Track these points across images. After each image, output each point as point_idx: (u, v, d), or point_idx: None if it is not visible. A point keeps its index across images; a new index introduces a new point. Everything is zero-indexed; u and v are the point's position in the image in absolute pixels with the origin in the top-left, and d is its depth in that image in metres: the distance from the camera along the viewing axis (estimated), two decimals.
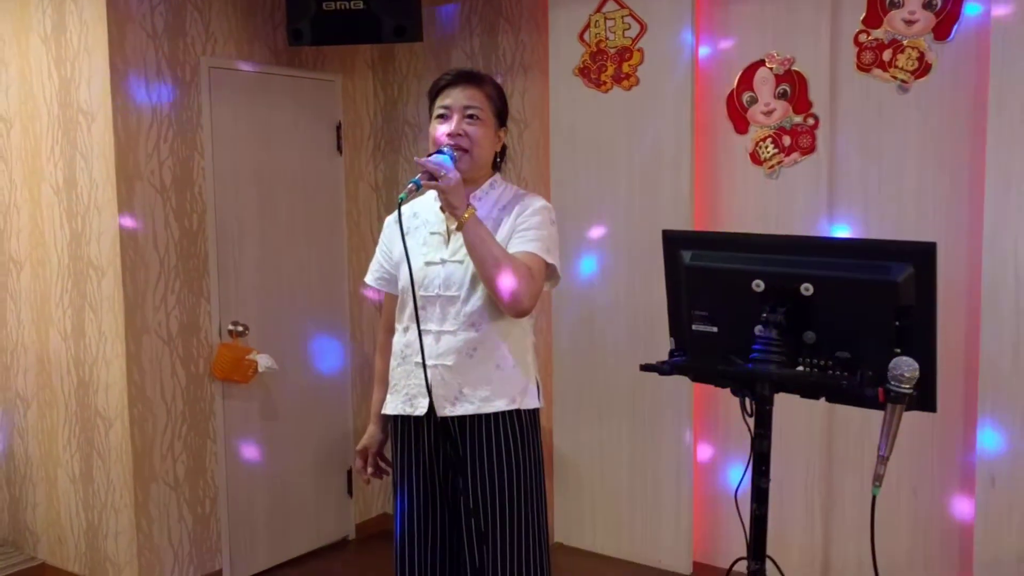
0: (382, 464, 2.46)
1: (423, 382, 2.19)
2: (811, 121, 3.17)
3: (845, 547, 3.26)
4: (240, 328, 3.67)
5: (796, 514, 3.31)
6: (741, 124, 3.29)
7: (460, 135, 2.18)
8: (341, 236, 4.20)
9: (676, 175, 3.35)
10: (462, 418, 2.21)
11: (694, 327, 2.04)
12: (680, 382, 3.41)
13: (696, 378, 2.06)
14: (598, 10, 3.46)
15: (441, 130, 2.20)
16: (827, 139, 3.15)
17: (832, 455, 3.25)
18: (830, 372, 1.87)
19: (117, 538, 3.43)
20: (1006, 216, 2.78)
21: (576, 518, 3.75)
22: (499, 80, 3.85)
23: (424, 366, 2.14)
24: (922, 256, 1.77)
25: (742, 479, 1.98)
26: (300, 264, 4.00)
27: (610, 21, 3.44)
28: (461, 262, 2.19)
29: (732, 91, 3.30)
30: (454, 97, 2.21)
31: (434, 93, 2.27)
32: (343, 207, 4.21)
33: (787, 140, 3.21)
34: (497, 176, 2.31)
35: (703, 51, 3.32)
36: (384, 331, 2.46)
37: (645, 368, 2.08)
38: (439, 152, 2.13)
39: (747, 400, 1.93)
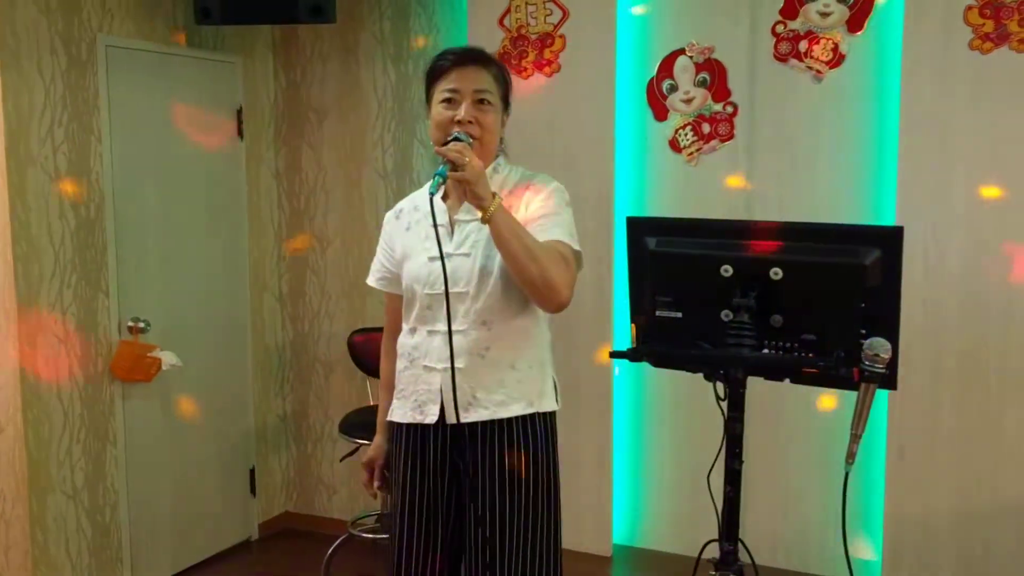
0: (389, 476, 2.29)
1: (432, 387, 2.07)
2: (730, 109, 3.24)
3: (758, 523, 3.37)
4: (141, 324, 3.44)
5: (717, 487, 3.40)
6: (661, 112, 3.33)
7: (471, 122, 2.02)
8: (242, 225, 4.01)
9: (598, 162, 3.36)
10: (474, 424, 2.06)
11: (658, 313, 2.04)
12: (605, 366, 3.43)
13: (665, 364, 2.07)
14: None
15: (447, 115, 2.03)
16: (745, 127, 3.23)
17: (752, 431, 3.34)
18: (797, 354, 1.92)
19: (8, 552, 3.16)
20: (918, 204, 2.93)
21: None
22: (411, 65, 3.79)
23: (452, 369, 1.97)
24: (889, 240, 1.83)
25: (714, 462, 2.00)
26: (202, 255, 3.79)
27: (531, 7, 3.41)
28: (468, 255, 2.06)
29: (652, 79, 3.33)
30: (463, 80, 2.03)
31: (436, 74, 2.09)
32: (245, 195, 4.01)
33: (706, 128, 3.28)
34: (501, 159, 2.17)
35: (624, 38, 3.34)
36: (388, 335, 2.30)
37: (615, 355, 2.07)
38: (455, 139, 1.97)
39: (718, 384, 1.97)
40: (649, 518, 3.55)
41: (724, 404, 1.93)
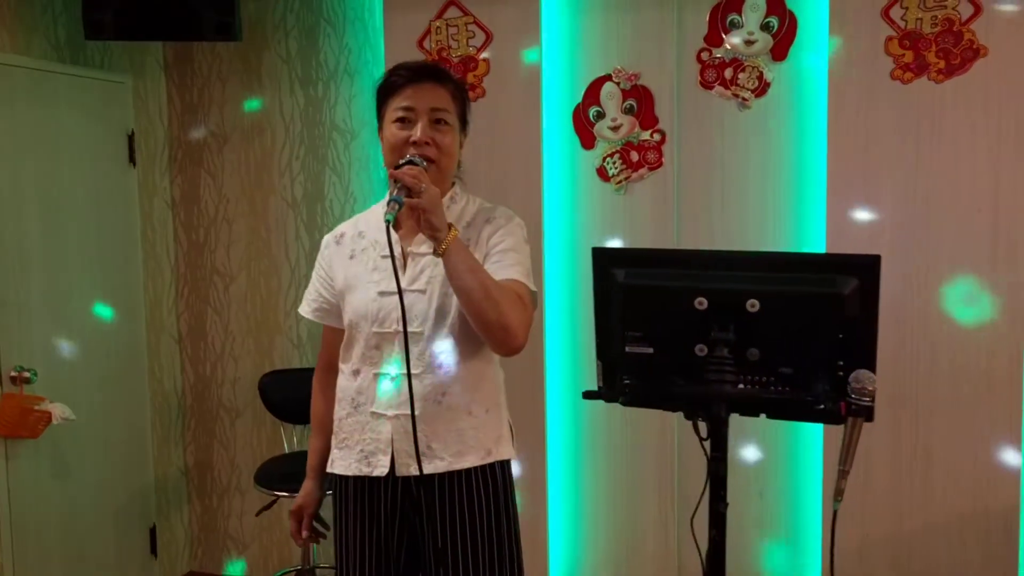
0: (318, 527, 2.13)
1: (381, 436, 1.90)
2: (658, 137, 3.21)
3: (695, 554, 3.32)
4: (27, 373, 3.10)
5: (650, 523, 3.33)
6: (588, 139, 3.27)
7: (427, 143, 1.88)
8: (136, 260, 3.70)
9: (525, 190, 3.26)
10: (429, 476, 1.92)
11: (627, 348, 1.95)
12: (539, 405, 3.32)
13: (642, 403, 1.97)
14: (439, 16, 3.29)
15: (402, 136, 1.89)
16: (673, 155, 3.20)
17: (682, 464, 3.30)
18: (780, 389, 1.86)
19: None
20: (846, 231, 2.96)
21: None
22: (321, 87, 3.60)
23: (413, 417, 1.81)
24: (867, 269, 1.79)
25: (698, 504, 1.92)
26: (93, 294, 3.47)
27: (452, 28, 3.28)
28: (423, 291, 1.91)
29: (578, 105, 3.26)
30: (418, 98, 1.90)
31: (388, 90, 1.95)
32: (138, 227, 3.71)
33: (635, 155, 3.23)
34: (458, 187, 2.04)
35: (550, 63, 3.26)
36: (323, 370, 2.13)
37: (589, 396, 1.96)
38: (409, 162, 1.83)
39: (699, 423, 1.88)
40: (587, 557, 3.44)
41: (707, 444, 1.86)
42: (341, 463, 2.00)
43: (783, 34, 3.07)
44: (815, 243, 3.06)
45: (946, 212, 2.87)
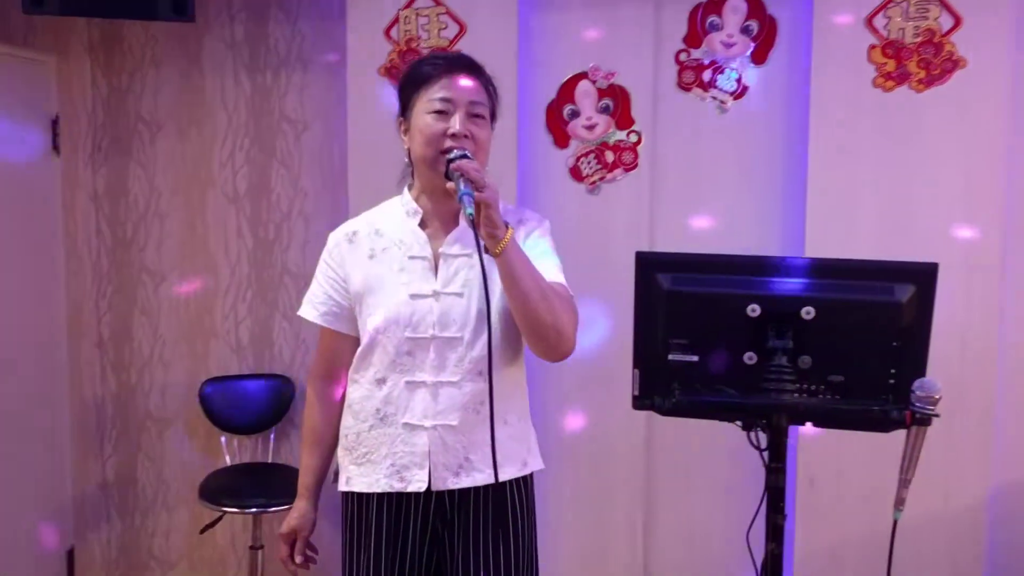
0: (309, 552, 1.95)
1: (416, 449, 1.76)
2: (634, 138, 3.14)
3: (664, 560, 3.27)
4: None
5: (618, 529, 3.26)
6: (561, 138, 3.16)
7: (465, 136, 1.75)
8: (58, 258, 3.36)
9: (501, 190, 3.12)
10: (466, 490, 1.79)
11: (671, 356, 1.86)
12: None
13: (694, 414, 1.88)
14: (408, 5, 3.12)
15: (440, 127, 1.76)
16: (649, 156, 3.14)
17: (650, 470, 3.24)
18: (829, 397, 1.81)
19: None
20: (827, 236, 2.97)
21: None
22: (271, 75, 3.38)
23: (493, 431, 1.67)
24: (925, 276, 1.76)
25: (755, 516, 1.84)
26: (8, 295, 3.12)
27: (423, 18, 3.12)
28: (460, 294, 1.78)
29: (552, 102, 3.16)
30: (456, 89, 1.79)
31: (421, 80, 1.82)
32: (60, 222, 3.36)
33: (610, 156, 3.15)
34: None
35: (524, 59, 3.14)
36: (322, 379, 1.94)
37: (643, 406, 1.85)
38: (464, 155, 1.69)
39: (755, 433, 1.81)
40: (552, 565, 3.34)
41: (765, 454, 1.79)
42: (363, 480, 1.84)
43: (763, 38, 3.06)
44: (794, 248, 3.06)
45: (924, 219, 2.91)
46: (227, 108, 3.44)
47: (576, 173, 3.17)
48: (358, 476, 1.85)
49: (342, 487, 1.91)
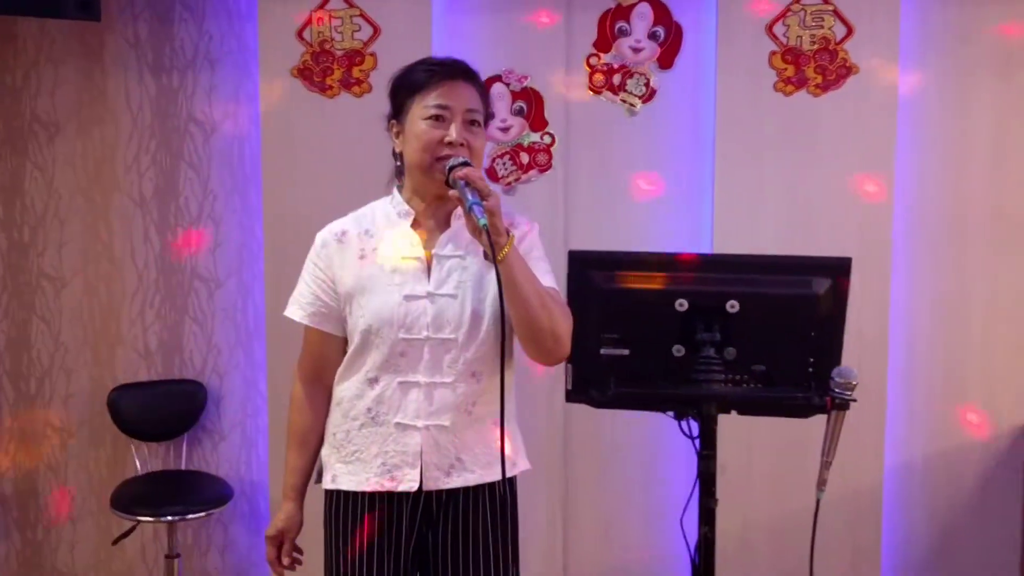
0: (295, 554, 1.96)
1: (409, 449, 1.79)
2: (548, 139, 3.21)
3: (583, 551, 3.36)
4: None
5: (538, 522, 3.32)
6: None
7: (462, 144, 1.76)
8: None
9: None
10: (454, 491, 1.81)
11: (603, 351, 1.93)
12: None
13: (631, 405, 1.95)
14: (321, 7, 3.10)
15: (437, 135, 1.77)
16: (563, 157, 3.22)
17: (568, 460, 3.31)
18: (754, 386, 1.91)
19: None
20: (733, 234, 3.11)
21: None
22: (177, 76, 3.31)
23: (503, 430, 1.72)
24: (839, 270, 1.89)
25: (688, 502, 1.93)
26: None
27: (336, 20, 3.10)
28: (454, 296, 1.80)
29: None
30: (453, 96, 1.79)
31: (416, 86, 1.82)
32: None
33: (525, 157, 3.21)
34: None
35: None
36: (308, 380, 1.93)
37: (574, 400, 1.91)
38: (464, 163, 1.71)
39: (686, 422, 1.90)
40: None
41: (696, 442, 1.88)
42: (352, 478, 1.84)
43: (669, 43, 3.17)
44: (702, 244, 3.19)
45: (822, 215, 3.09)
46: (131, 109, 3.34)
47: (492, 174, 3.22)
48: (346, 475, 1.85)
49: (327, 485, 1.90)
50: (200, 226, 3.37)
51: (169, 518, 2.98)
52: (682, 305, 1.87)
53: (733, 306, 1.86)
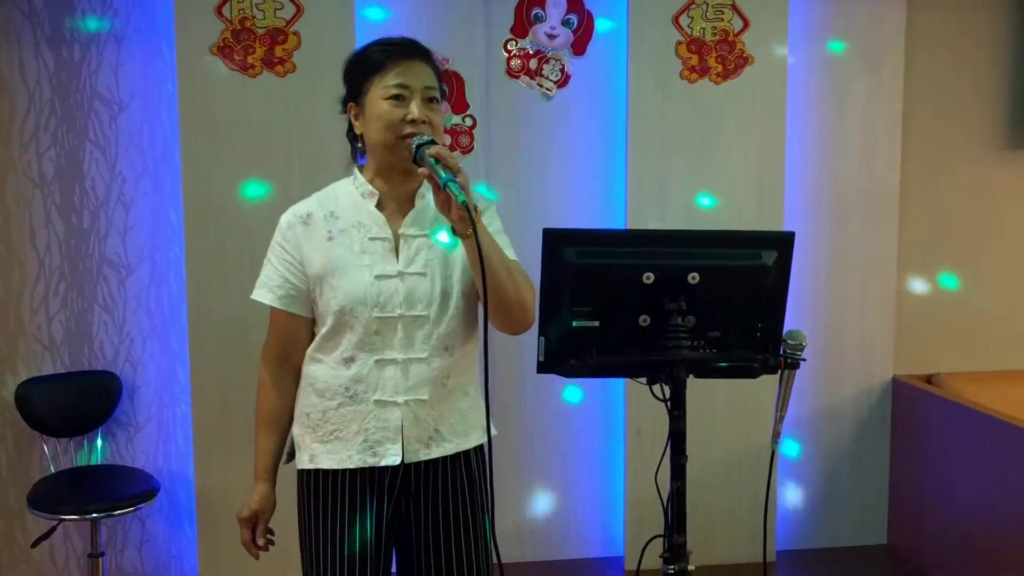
0: (268, 536, 1.93)
1: (389, 424, 1.82)
2: (469, 122, 3.30)
3: (507, 517, 3.50)
4: None
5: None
6: None
7: (423, 122, 1.78)
8: None
9: (339, 171, 3.15)
10: (431, 462, 1.86)
11: (575, 323, 2.07)
12: None
13: (602, 373, 2.09)
14: None
15: (398, 114, 1.77)
16: (483, 139, 3.32)
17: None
18: (715, 351, 2.11)
19: None
20: (643, 211, 3.32)
21: None
22: (78, 50, 3.19)
23: (488, 400, 1.75)
24: (784, 243, 2.09)
25: (661, 459, 2.09)
26: None
27: None
28: (423, 274, 1.82)
29: None
30: (411, 75, 1.79)
31: (373, 66, 1.81)
32: None
33: (448, 139, 3.29)
34: None
35: (363, 41, 3.18)
36: (276, 361, 1.92)
37: (545, 371, 2.03)
38: (431, 141, 1.73)
39: (658, 386, 2.06)
40: None
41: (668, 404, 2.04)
42: (332, 457, 1.85)
43: (582, 31, 3.33)
44: (616, 223, 3.39)
45: (725, 193, 3.35)
46: (27, 84, 3.16)
47: None
48: (325, 454, 1.86)
49: (305, 465, 1.90)
50: (108, 209, 3.24)
51: (95, 515, 2.86)
52: (649, 278, 2.03)
53: (694, 277, 2.04)
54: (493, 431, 2.01)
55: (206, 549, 3.21)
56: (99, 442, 3.25)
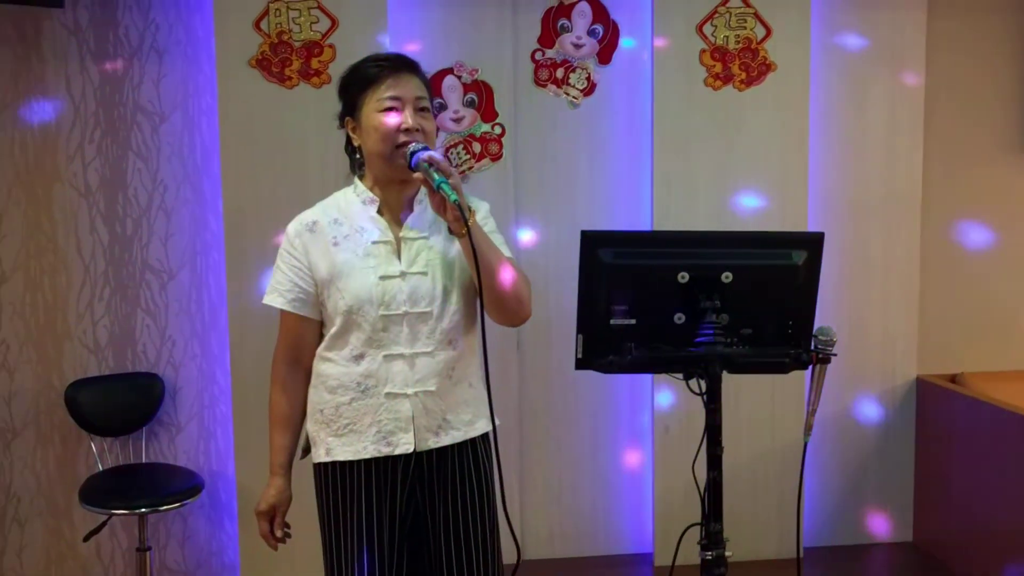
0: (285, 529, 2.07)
1: (401, 415, 1.94)
2: (498, 130, 3.39)
3: (537, 515, 3.58)
4: None
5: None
6: None
7: (417, 130, 1.90)
8: None
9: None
10: (441, 450, 1.97)
11: (613, 321, 2.15)
12: None
13: (640, 369, 2.16)
14: None
15: (394, 123, 1.90)
16: (512, 147, 3.41)
17: (523, 430, 3.53)
18: (737, 348, 2.18)
19: None
20: (670, 216, 3.39)
21: None
22: (123, 64, 3.29)
23: (489, 390, 1.88)
24: (814, 244, 2.17)
25: (699, 450, 2.17)
26: None
27: (294, 12, 3.16)
28: (425, 273, 1.94)
29: None
30: (402, 87, 1.92)
31: (367, 81, 1.94)
32: None
33: (477, 147, 3.38)
34: None
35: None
36: (287, 363, 2.02)
37: (583, 367, 2.11)
38: (424, 148, 1.86)
39: (694, 380, 2.14)
40: None
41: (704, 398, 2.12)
42: (348, 449, 1.96)
43: (607, 40, 3.42)
44: (642, 225, 3.46)
45: (748, 196, 3.42)
46: (72, 98, 3.27)
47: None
48: (341, 446, 1.97)
49: (321, 459, 2.00)
50: (150, 217, 3.35)
51: (143, 510, 2.97)
52: (684, 277, 2.11)
53: (727, 276, 2.12)
54: (497, 420, 2.12)
55: (247, 546, 3.30)
56: (143, 441, 3.35)
